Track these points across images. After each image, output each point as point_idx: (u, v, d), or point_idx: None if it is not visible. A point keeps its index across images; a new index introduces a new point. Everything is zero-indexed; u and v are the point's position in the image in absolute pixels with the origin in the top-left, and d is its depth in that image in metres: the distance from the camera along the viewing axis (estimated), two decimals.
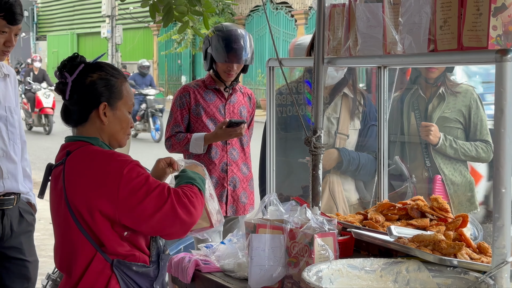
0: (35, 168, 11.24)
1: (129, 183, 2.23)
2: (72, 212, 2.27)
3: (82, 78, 2.35)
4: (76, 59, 2.39)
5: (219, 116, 3.97)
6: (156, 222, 2.25)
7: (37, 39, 37.80)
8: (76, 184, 2.27)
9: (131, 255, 2.32)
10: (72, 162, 2.31)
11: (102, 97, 2.35)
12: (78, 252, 2.29)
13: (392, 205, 2.81)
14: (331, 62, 2.74)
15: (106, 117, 2.36)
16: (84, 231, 2.27)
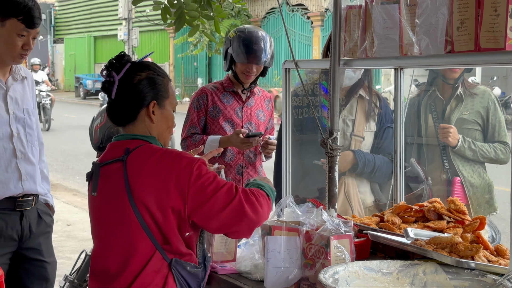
0: (52, 170, 11.33)
1: (198, 179, 2.25)
2: (136, 209, 2.26)
3: (129, 77, 2.36)
4: (124, 57, 2.40)
5: (236, 119, 3.98)
6: (224, 218, 2.26)
7: (54, 42, 38.07)
8: (145, 182, 2.26)
9: (188, 254, 2.33)
10: (136, 160, 2.30)
11: (151, 95, 2.36)
12: (136, 251, 2.28)
13: (409, 207, 2.80)
14: (347, 63, 2.74)
15: (155, 116, 2.37)
16: (147, 229, 2.26)
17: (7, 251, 3.10)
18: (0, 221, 3.05)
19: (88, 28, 34.49)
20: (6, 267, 3.09)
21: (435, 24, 2.33)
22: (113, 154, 2.37)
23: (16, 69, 3.12)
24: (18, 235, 3.11)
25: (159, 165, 2.27)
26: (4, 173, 3.04)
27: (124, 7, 29.33)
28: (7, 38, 2.97)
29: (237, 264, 2.59)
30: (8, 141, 3.05)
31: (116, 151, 2.37)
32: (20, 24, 2.96)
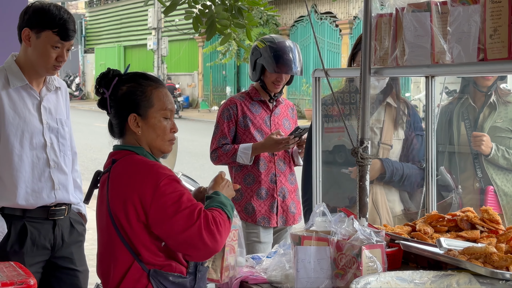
0: (83, 178, 11.42)
1: (162, 197, 2.28)
2: (113, 219, 2.33)
3: (116, 91, 2.43)
4: (109, 74, 2.45)
5: (266, 128, 4.00)
6: (182, 241, 2.28)
7: (85, 52, 38.54)
8: (118, 193, 2.34)
9: (167, 265, 2.35)
10: (116, 170, 2.38)
11: (132, 108, 2.40)
12: (117, 260, 2.35)
13: (441, 217, 2.77)
14: (377, 72, 2.72)
15: (138, 127, 2.41)
16: (123, 239, 2.32)
17: (40, 260, 3.13)
18: (33, 230, 3.08)
19: (118, 38, 34.85)
20: (38, 275, 3.12)
21: (467, 31, 2.31)
22: (106, 165, 2.46)
23: (50, 79, 3.16)
24: (51, 244, 3.14)
25: (132, 178, 2.32)
26: (38, 182, 3.07)
27: (153, 17, 29.59)
28: (42, 50, 3.01)
29: (268, 273, 2.59)
30: (41, 151, 3.09)
31: (108, 162, 2.46)
32: (55, 36, 3.00)
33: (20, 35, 3.05)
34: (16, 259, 2.96)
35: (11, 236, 3.05)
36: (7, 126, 3.01)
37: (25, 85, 3.08)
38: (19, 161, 3.03)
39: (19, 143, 3.03)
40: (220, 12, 3.13)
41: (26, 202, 3.05)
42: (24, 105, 3.06)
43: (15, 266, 2.74)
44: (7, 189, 3.04)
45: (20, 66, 3.07)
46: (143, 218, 2.31)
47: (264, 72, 3.97)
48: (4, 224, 3.03)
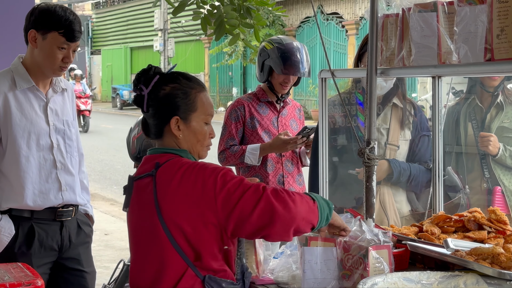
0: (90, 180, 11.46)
1: (224, 187, 2.19)
2: (165, 226, 2.22)
3: (156, 90, 2.33)
4: (150, 71, 2.36)
5: (273, 129, 4.00)
6: (255, 220, 2.17)
7: (91, 53, 38.63)
8: (173, 198, 2.23)
9: (222, 270, 2.28)
10: (164, 175, 2.27)
11: (174, 111, 2.32)
12: (168, 268, 2.24)
13: (448, 217, 2.77)
14: (384, 72, 2.72)
15: (179, 131, 2.33)
16: (177, 246, 2.22)
17: (47, 261, 3.14)
18: (41, 231, 3.09)
19: (125, 39, 34.91)
20: (46, 277, 3.13)
21: (474, 31, 2.30)
22: (145, 168, 2.35)
23: (56, 81, 3.17)
24: (58, 245, 3.15)
25: (185, 179, 2.23)
26: (45, 183, 3.08)
27: (159, 18, 29.64)
28: (48, 51, 3.02)
29: (274, 274, 2.59)
30: (48, 152, 3.10)
31: (147, 165, 2.34)
32: (61, 37, 3.00)
33: (27, 36, 3.06)
34: (24, 260, 2.97)
35: (19, 237, 3.06)
36: (14, 127, 3.02)
37: (31, 87, 3.09)
38: (26, 162, 3.04)
39: (26, 144, 3.04)
40: (229, 12, 3.13)
41: (34, 203, 3.06)
42: (31, 106, 3.08)
43: (23, 267, 2.75)
44: (14, 190, 3.05)
45: (27, 67, 3.08)
46: (213, 218, 2.20)
47: (272, 73, 3.97)
48: (12, 225, 3.04)
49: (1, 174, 3.05)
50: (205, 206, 2.20)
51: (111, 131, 19.35)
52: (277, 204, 2.18)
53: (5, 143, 3.03)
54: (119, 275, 4.35)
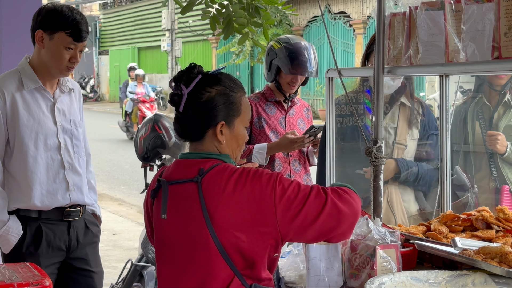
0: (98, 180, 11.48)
1: (283, 195, 2.11)
2: (215, 235, 2.12)
3: (198, 92, 2.19)
4: (194, 70, 2.24)
5: (280, 129, 4.00)
6: (320, 225, 2.11)
7: (99, 53, 38.72)
8: (227, 207, 2.11)
9: (268, 279, 2.21)
10: (213, 183, 2.14)
11: (220, 115, 2.19)
12: (214, 277, 2.14)
13: (456, 216, 2.76)
14: (391, 71, 2.71)
15: (223, 136, 2.21)
16: (226, 256, 2.13)
17: (55, 261, 3.15)
18: (48, 232, 3.10)
19: (132, 39, 34.97)
20: (54, 277, 3.14)
21: (482, 30, 2.29)
22: (184, 173, 2.20)
23: (63, 81, 3.18)
24: (66, 245, 3.15)
25: (239, 188, 2.12)
26: (52, 184, 3.09)
27: (167, 18, 29.68)
28: (55, 51, 3.03)
29: (282, 274, 2.58)
30: (56, 152, 3.11)
31: (187, 170, 2.19)
32: (67, 38, 3.01)
33: (34, 37, 3.07)
34: (31, 260, 2.98)
35: (27, 238, 3.07)
36: (21, 128, 3.03)
37: (39, 87, 3.10)
38: (33, 162, 3.05)
39: (33, 144, 3.05)
40: (237, 11, 3.13)
41: (41, 203, 3.06)
42: (38, 107, 3.08)
43: (31, 267, 2.76)
44: (22, 190, 3.06)
45: (34, 68, 3.09)
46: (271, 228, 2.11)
47: (280, 73, 3.97)
48: (20, 225, 3.05)
49: (9, 175, 3.06)
50: (264, 216, 2.11)
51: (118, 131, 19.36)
52: (342, 206, 2.13)
53: (13, 144, 3.04)
54: (127, 275, 4.36)
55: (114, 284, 4.29)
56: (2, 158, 3.04)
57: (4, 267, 2.75)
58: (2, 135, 3.02)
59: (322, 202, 2.12)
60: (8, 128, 3.03)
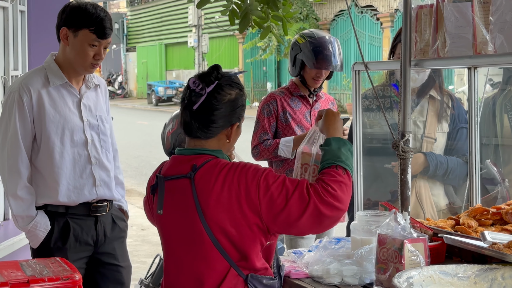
0: (126, 175, 11.58)
1: (267, 191, 2.17)
2: (208, 229, 2.20)
3: (217, 93, 2.26)
4: (218, 70, 2.30)
5: (306, 123, 3.99)
6: (303, 225, 2.19)
7: (127, 50, 38.98)
8: (216, 201, 2.20)
9: (264, 268, 2.28)
10: (205, 178, 2.22)
11: (236, 117, 2.30)
12: (212, 270, 2.23)
13: (486, 210, 2.73)
14: (418, 64, 2.69)
15: (232, 135, 2.32)
16: (220, 248, 2.21)
17: (83, 256, 3.18)
18: (76, 227, 3.13)
19: (159, 36, 35.15)
20: (82, 271, 3.17)
21: (510, 21, 2.26)
22: (178, 169, 2.29)
23: (89, 77, 3.20)
24: (93, 240, 3.18)
25: (228, 181, 2.20)
26: (79, 179, 3.12)
27: (194, 14, 29.78)
28: (79, 48, 3.05)
29: (309, 268, 2.58)
30: (83, 148, 3.13)
31: (182, 166, 2.28)
32: (92, 35, 3.03)
33: (59, 34, 3.09)
34: (59, 255, 3.01)
35: (54, 233, 3.10)
36: (48, 124, 3.06)
37: (64, 83, 3.12)
38: (60, 158, 3.08)
39: (60, 140, 3.08)
40: (253, 4, 3.13)
41: (68, 199, 3.09)
42: (64, 103, 3.11)
43: (61, 261, 2.79)
44: (49, 186, 3.09)
45: (59, 64, 3.12)
46: (257, 220, 2.19)
47: (304, 67, 3.96)
48: (48, 220, 3.09)
49: (36, 171, 3.10)
50: (250, 210, 2.19)
51: (146, 127, 19.52)
52: (324, 210, 2.18)
53: (40, 140, 3.08)
54: (156, 269, 4.38)
55: (142, 279, 4.31)
56: (29, 154, 3.08)
57: (35, 262, 2.79)
58: (29, 132, 3.06)
59: (304, 204, 2.18)
60: (35, 124, 3.07)
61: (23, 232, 3.17)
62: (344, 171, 2.26)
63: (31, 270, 2.67)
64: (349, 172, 2.27)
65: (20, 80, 3.12)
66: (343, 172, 2.26)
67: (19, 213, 3.05)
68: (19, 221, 3.07)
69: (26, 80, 3.08)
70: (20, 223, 3.07)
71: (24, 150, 3.05)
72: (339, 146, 2.32)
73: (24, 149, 3.05)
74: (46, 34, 4.56)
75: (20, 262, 2.79)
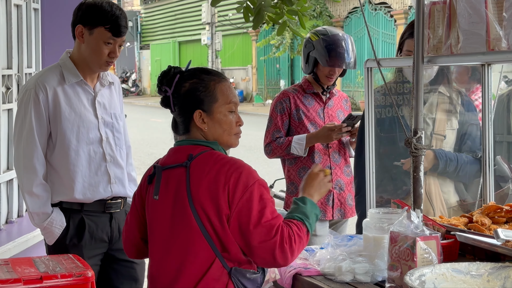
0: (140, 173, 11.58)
1: (248, 203, 2.25)
2: (198, 216, 2.27)
3: (178, 89, 2.39)
4: (170, 72, 2.42)
5: (319, 120, 3.98)
6: (254, 252, 2.27)
7: (141, 48, 39.09)
8: (205, 190, 2.27)
9: (247, 261, 2.33)
10: (198, 167, 2.31)
11: (197, 104, 2.36)
12: (195, 258, 2.29)
13: (499, 208, 2.71)
14: (431, 60, 2.68)
15: (204, 124, 2.37)
16: (207, 236, 2.27)
17: (98, 253, 3.20)
18: (91, 223, 3.15)
19: (173, 33, 35.21)
20: (97, 268, 3.19)
21: None
22: (175, 159, 2.37)
23: (103, 75, 3.22)
24: (108, 237, 3.20)
25: (220, 175, 2.27)
26: (94, 176, 3.13)
27: (207, 12, 29.80)
28: (95, 46, 3.06)
29: (321, 265, 2.58)
30: (98, 145, 3.15)
31: (178, 156, 2.37)
32: (107, 33, 3.04)
33: (74, 31, 3.11)
34: (75, 252, 3.03)
35: (70, 230, 3.12)
36: (63, 122, 3.08)
37: (79, 81, 3.14)
38: (75, 156, 3.10)
39: (75, 138, 3.10)
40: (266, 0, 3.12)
41: (83, 196, 3.11)
42: (79, 100, 3.13)
43: (74, 258, 2.81)
44: (64, 183, 3.10)
45: (74, 62, 3.13)
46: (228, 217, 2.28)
47: (317, 65, 3.95)
48: (63, 217, 3.11)
49: (51, 168, 3.12)
50: (226, 205, 2.26)
51: (160, 125, 19.55)
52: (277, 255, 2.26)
53: (55, 137, 3.09)
54: None
55: None
56: (44, 151, 3.10)
57: (48, 259, 2.81)
58: (44, 129, 3.08)
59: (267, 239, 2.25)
60: (50, 122, 3.08)
61: (38, 229, 3.19)
62: (307, 231, 2.34)
63: (44, 266, 2.69)
64: (309, 234, 2.35)
65: (36, 77, 3.14)
66: (306, 232, 2.34)
67: (35, 210, 3.07)
68: (35, 218, 3.09)
69: (42, 77, 3.10)
70: (36, 220, 3.09)
71: (40, 148, 3.07)
72: (312, 210, 2.39)
73: (40, 146, 3.07)
74: (59, 31, 4.58)
75: (34, 258, 2.81)
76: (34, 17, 4.76)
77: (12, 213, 4.49)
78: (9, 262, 2.76)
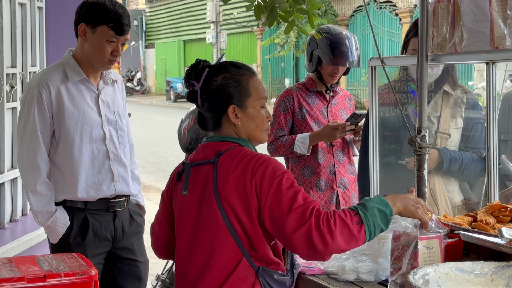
0: (144, 172, 11.63)
1: (279, 192, 2.18)
2: (224, 214, 2.23)
3: (208, 83, 2.32)
4: (199, 65, 2.36)
5: (323, 119, 3.97)
6: (291, 241, 2.16)
7: (145, 47, 39.13)
8: (233, 187, 2.23)
9: (276, 262, 2.28)
10: (226, 163, 2.27)
11: (230, 99, 2.31)
12: (222, 255, 2.24)
13: (504, 207, 2.70)
14: (435, 59, 2.67)
15: (238, 119, 2.33)
16: (234, 234, 2.23)
17: (101, 251, 3.20)
18: (95, 222, 3.15)
19: (178, 32, 35.25)
20: (101, 266, 3.19)
21: None
22: (204, 155, 2.34)
23: (106, 73, 3.22)
24: (112, 235, 3.20)
25: (246, 170, 2.22)
26: (98, 174, 3.13)
27: (212, 11, 29.81)
28: (97, 44, 3.06)
29: (324, 264, 2.57)
30: (101, 143, 3.15)
31: (207, 153, 2.34)
32: (110, 31, 3.04)
33: (77, 30, 3.11)
34: (79, 250, 3.03)
35: (74, 228, 3.12)
36: (67, 120, 3.08)
37: (83, 79, 3.14)
38: (79, 154, 3.10)
39: (79, 136, 3.10)
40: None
41: (87, 194, 3.11)
42: (83, 98, 3.13)
43: (77, 257, 2.81)
44: (68, 182, 3.11)
45: (77, 60, 3.13)
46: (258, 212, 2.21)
47: (321, 63, 3.94)
48: (67, 216, 3.11)
49: (55, 166, 3.12)
50: (256, 201, 2.21)
51: (165, 123, 19.60)
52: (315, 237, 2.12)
53: (58, 136, 3.09)
54: (172, 265, 4.40)
55: (159, 274, 4.33)
56: (48, 150, 3.10)
57: (51, 257, 2.81)
58: (48, 128, 3.08)
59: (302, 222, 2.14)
60: (53, 120, 3.08)
61: (42, 227, 3.20)
62: (360, 222, 2.16)
63: (48, 265, 2.69)
64: (363, 228, 2.16)
65: (39, 76, 3.14)
66: (358, 222, 2.16)
67: (38, 209, 3.07)
68: (39, 216, 3.09)
69: (45, 76, 3.10)
70: (40, 218, 3.09)
71: (43, 146, 3.07)
72: (376, 205, 2.21)
73: (43, 145, 3.07)
74: (63, 30, 4.59)
75: (37, 257, 2.82)
76: (38, 16, 4.76)
77: (16, 211, 4.50)
78: (13, 260, 2.76)
